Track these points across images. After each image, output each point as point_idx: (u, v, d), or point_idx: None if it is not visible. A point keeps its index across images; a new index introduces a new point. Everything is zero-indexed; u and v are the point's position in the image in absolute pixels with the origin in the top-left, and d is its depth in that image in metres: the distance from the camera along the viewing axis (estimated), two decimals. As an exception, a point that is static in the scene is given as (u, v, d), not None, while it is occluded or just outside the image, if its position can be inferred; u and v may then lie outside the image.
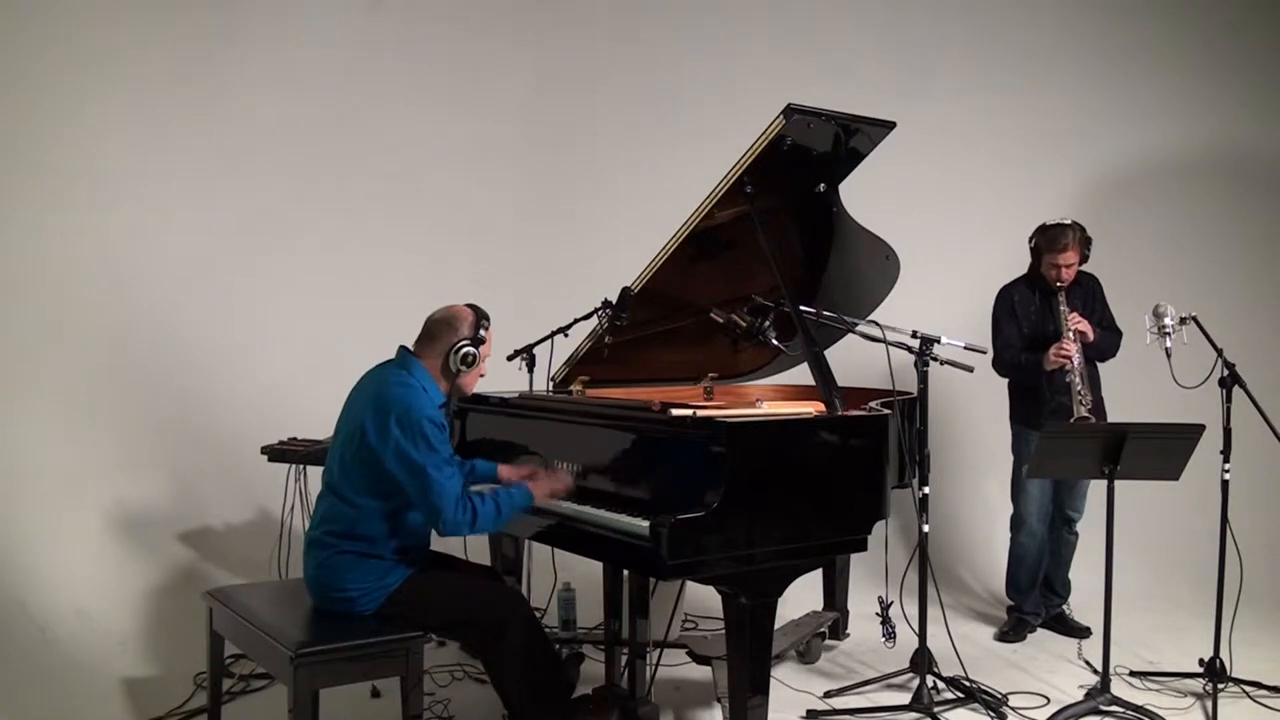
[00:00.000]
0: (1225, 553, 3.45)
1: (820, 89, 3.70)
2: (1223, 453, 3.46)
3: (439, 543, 2.93)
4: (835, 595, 4.20)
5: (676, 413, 2.81)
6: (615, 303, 3.46)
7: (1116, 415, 4.03)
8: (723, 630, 2.82)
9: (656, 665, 3.33)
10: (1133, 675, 3.76)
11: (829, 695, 3.58)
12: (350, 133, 5.04)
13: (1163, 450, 3.31)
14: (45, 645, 3.74)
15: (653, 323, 3.73)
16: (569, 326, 3.66)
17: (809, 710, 3.44)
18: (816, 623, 4.01)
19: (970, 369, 3.36)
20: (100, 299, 4.47)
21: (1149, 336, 3.54)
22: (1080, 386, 3.84)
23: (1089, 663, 3.91)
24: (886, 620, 3.68)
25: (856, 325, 3.42)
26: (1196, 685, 3.62)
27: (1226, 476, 3.47)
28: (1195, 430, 3.28)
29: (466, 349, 2.86)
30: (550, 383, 3.71)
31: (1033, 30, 5.47)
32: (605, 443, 3.04)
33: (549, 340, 3.67)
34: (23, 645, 3.70)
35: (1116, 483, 3.34)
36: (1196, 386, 3.44)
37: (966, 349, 3.35)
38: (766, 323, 3.27)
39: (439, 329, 2.89)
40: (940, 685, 3.55)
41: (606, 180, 5.40)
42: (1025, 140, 5.41)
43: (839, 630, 4.21)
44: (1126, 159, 5.45)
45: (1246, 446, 3.49)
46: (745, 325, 3.29)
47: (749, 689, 2.73)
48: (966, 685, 3.53)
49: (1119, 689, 3.51)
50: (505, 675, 2.83)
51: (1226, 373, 3.44)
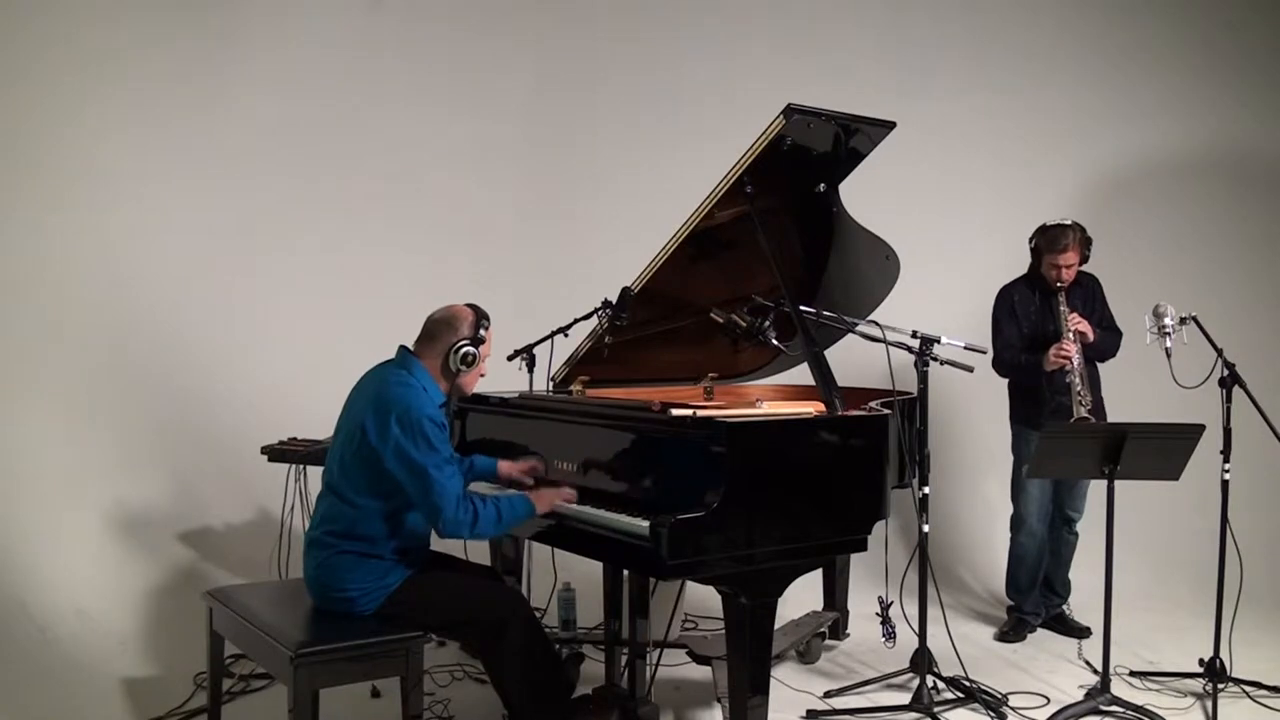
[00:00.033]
0: (1225, 553, 3.45)
1: (820, 89, 3.70)
2: (1223, 453, 3.46)
3: (439, 543, 2.93)
4: (835, 595, 4.20)
5: (676, 413, 2.81)
6: (615, 303, 3.46)
7: (1116, 415, 4.03)
8: (723, 630, 2.82)
9: (656, 665, 3.33)
10: (1133, 675, 3.76)
11: (829, 695, 3.58)
12: (350, 133, 5.05)
13: (1163, 450, 3.31)
14: (45, 645, 3.74)
15: (653, 323, 3.73)
16: (569, 326, 3.66)
17: (809, 710, 3.44)
18: (816, 623, 4.01)
19: (970, 369, 3.36)
20: (100, 299, 4.46)
21: (1149, 336, 3.53)
22: (1080, 387, 3.84)
23: (1089, 663, 3.91)
24: (886, 620, 3.67)
25: (856, 325, 3.41)
26: (1196, 685, 3.62)
27: (1226, 476, 3.47)
28: (1195, 430, 3.28)
29: (466, 349, 2.86)
30: (550, 383, 3.71)
31: (1033, 30, 5.47)
32: (605, 443, 3.03)
33: (549, 340, 3.67)
34: (23, 645, 3.70)
35: (1116, 483, 3.34)
36: (1196, 386, 3.44)
37: (966, 349, 3.35)
38: (766, 323, 3.27)
39: (439, 329, 2.89)
40: (940, 685, 3.55)
41: (606, 180, 5.40)
42: (1025, 140, 5.41)
43: (839, 630, 4.21)
44: (1126, 159, 5.45)
45: (1246, 446, 3.49)
46: (745, 325, 3.29)
47: (749, 689, 2.72)
48: (966, 685, 3.53)
49: (1119, 689, 3.51)
50: (505, 675, 2.83)
51: (1226, 373, 3.44)
